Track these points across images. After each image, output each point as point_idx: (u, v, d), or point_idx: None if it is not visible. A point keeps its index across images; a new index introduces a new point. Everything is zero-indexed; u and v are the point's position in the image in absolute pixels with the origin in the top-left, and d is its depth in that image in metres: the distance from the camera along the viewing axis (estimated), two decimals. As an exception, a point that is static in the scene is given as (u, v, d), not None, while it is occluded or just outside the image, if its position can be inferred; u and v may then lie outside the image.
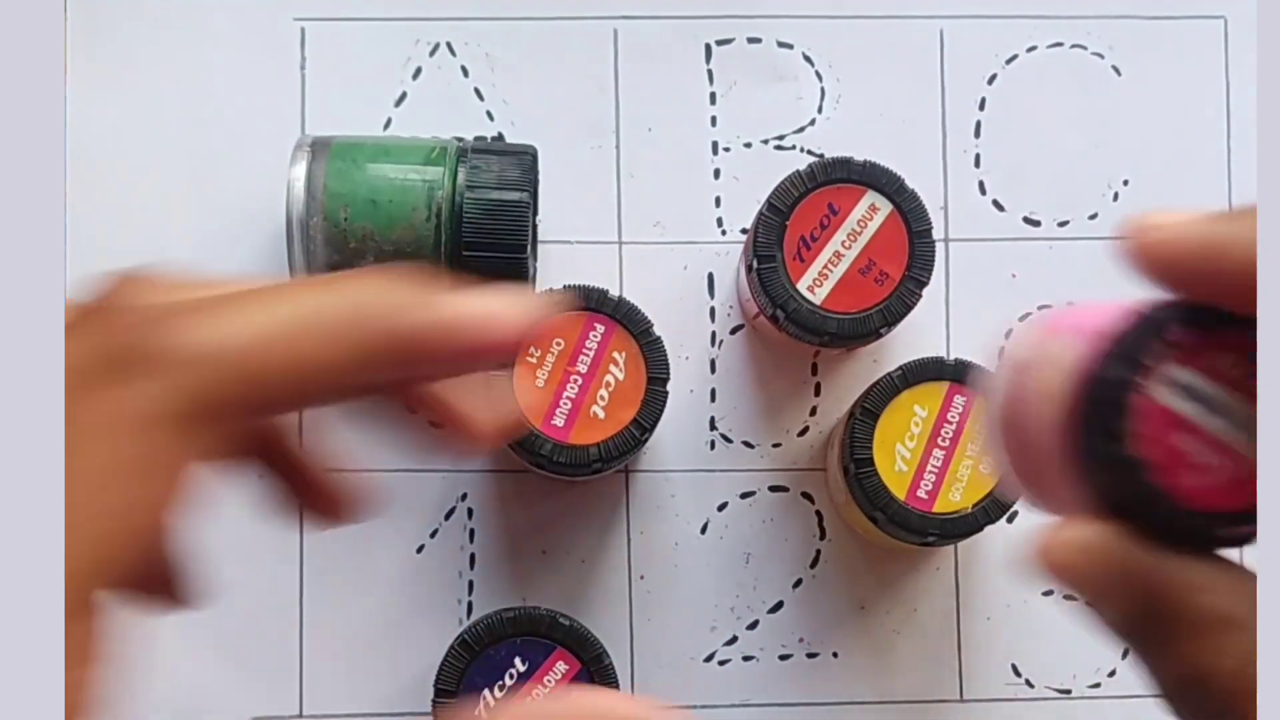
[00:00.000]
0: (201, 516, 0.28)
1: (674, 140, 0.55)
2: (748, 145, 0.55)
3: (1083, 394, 0.26)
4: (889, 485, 0.47)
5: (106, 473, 0.25)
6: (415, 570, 0.53)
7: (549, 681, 0.47)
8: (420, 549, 0.53)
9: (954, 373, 0.48)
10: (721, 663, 0.54)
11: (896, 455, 0.47)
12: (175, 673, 0.53)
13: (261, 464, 0.31)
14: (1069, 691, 0.54)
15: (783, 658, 0.54)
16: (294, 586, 0.53)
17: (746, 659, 0.54)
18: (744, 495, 0.54)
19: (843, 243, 0.48)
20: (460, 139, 0.54)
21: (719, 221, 0.55)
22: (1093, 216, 0.55)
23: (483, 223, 0.48)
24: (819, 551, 0.54)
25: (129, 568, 0.26)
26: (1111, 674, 0.54)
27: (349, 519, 0.33)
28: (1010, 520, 0.54)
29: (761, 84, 0.55)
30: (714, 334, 0.54)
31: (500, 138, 0.54)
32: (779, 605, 0.54)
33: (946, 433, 0.47)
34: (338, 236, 0.48)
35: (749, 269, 0.49)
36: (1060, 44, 0.55)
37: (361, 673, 0.53)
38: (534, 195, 0.50)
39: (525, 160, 0.49)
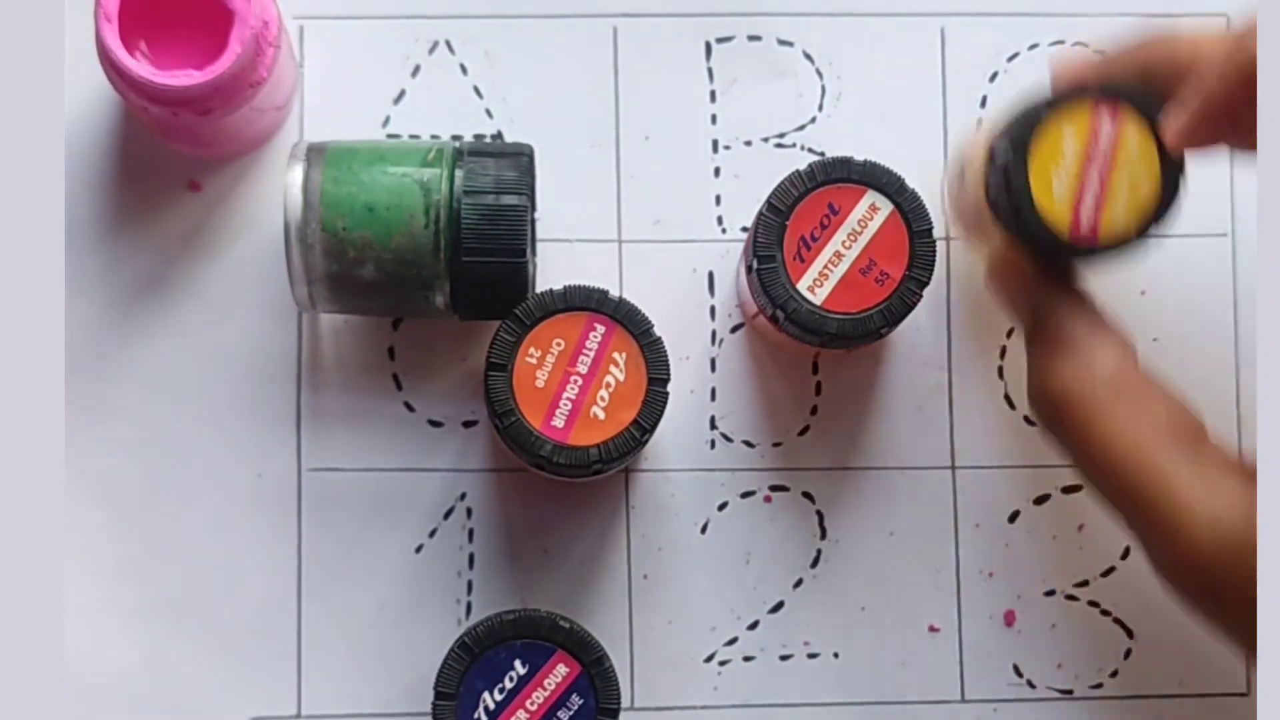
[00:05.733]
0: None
1: (674, 138, 0.55)
2: (748, 143, 0.55)
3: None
4: (1049, 218, 0.44)
5: None
6: (414, 570, 0.53)
7: (549, 685, 0.46)
8: (419, 549, 0.53)
9: (1099, 92, 0.45)
10: (722, 663, 0.54)
11: (1053, 180, 0.45)
12: (175, 673, 0.53)
13: None
14: (1071, 692, 0.54)
15: (783, 658, 0.54)
16: (292, 587, 0.53)
17: (747, 659, 0.54)
18: (744, 495, 0.54)
19: (843, 243, 0.48)
20: (458, 137, 0.54)
21: (719, 220, 0.55)
22: (1094, 215, 0.55)
23: (482, 228, 0.48)
24: (819, 551, 0.54)
25: None
26: (1114, 674, 0.54)
27: None
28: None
29: (762, 82, 0.55)
30: (714, 333, 0.54)
31: (499, 135, 0.54)
32: (779, 605, 0.54)
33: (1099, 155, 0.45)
34: (336, 246, 0.48)
35: (749, 269, 0.49)
36: (1062, 41, 0.55)
37: (360, 673, 0.53)
38: (531, 195, 0.50)
39: (522, 161, 0.49)
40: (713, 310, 0.54)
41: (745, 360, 0.54)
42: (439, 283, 0.48)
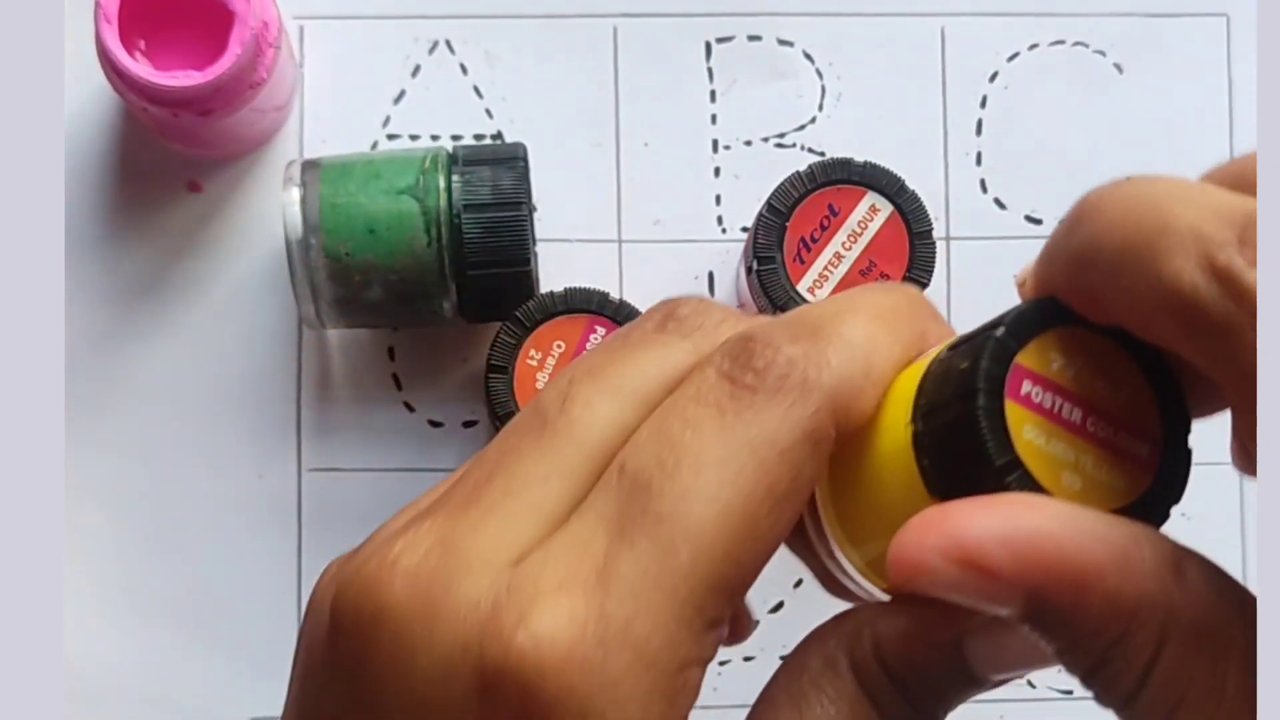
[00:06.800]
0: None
1: (674, 138, 0.55)
2: (748, 143, 0.55)
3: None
4: None
5: (757, 497, 0.25)
6: (414, 570, 0.53)
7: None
8: (419, 549, 0.53)
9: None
10: (721, 663, 0.54)
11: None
12: (175, 673, 0.53)
13: None
14: (1070, 692, 0.54)
15: (783, 658, 0.53)
16: (292, 587, 0.53)
17: (747, 659, 0.54)
18: (744, 495, 0.54)
19: (843, 244, 0.48)
20: (458, 137, 0.54)
21: (719, 220, 0.55)
22: (1094, 215, 0.55)
23: (485, 241, 0.48)
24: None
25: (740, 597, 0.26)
26: (1113, 675, 0.54)
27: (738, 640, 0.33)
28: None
29: (762, 82, 0.55)
30: (714, 333, 0.54)
31: (499, 136, 0.54)
32: (779, 605, 0.54)
33: None
34: (341, 271, 0.48)
35: (749, 271, 0.49)
36: (1062, 41, 0.55)
37: (361, 673, 0.53)
38: (528, 196, 0.50)
39: (517, 166, 0.49)
40: (713, 310, 0.54)
41: (745, 360, 0.54)
42: (446, 294, 0.48)
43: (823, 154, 0.54)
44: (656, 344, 0.28)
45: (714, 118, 0.55)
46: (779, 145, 0.55)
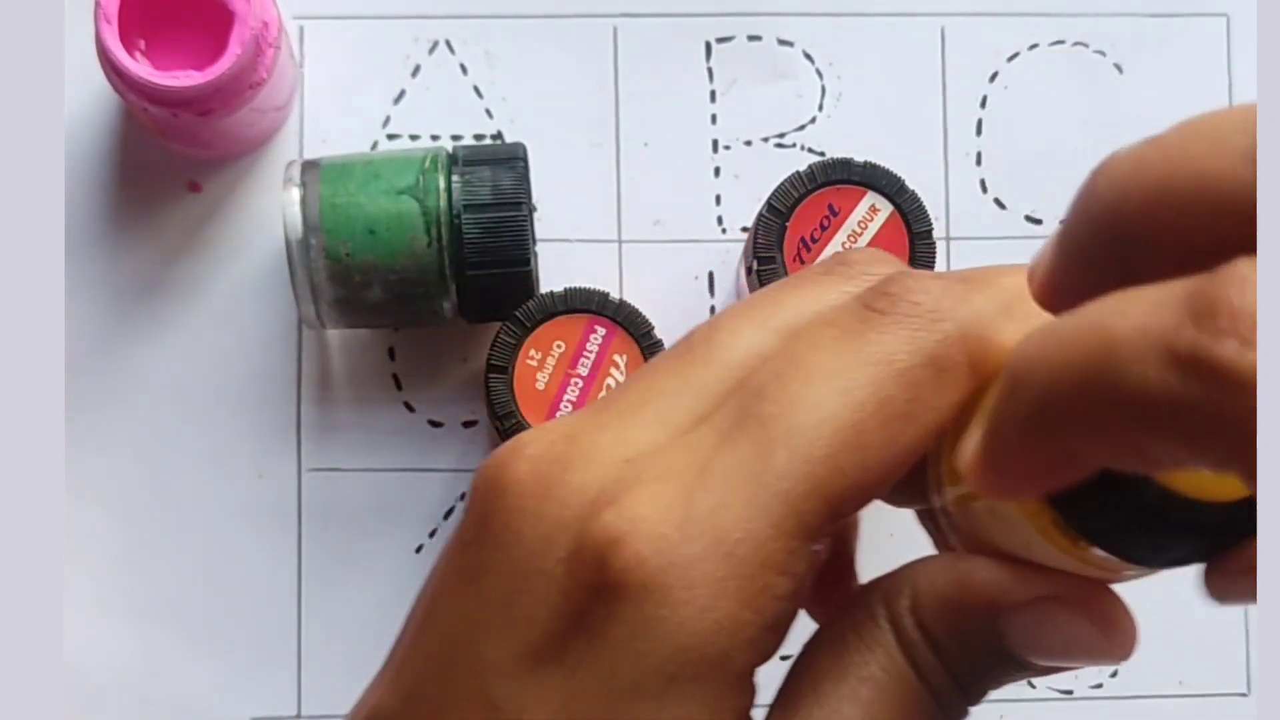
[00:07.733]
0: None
1: (674, 138, 0.55)
2: (748, 143, 0.55)
3: None
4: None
5: (868, 409, 0.25)
6: (414, 570, 0.53)
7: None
8: (419, 549, 0.53)
9: None
10: (783, 657, 0.53)
11: None
12: (175, 673, 0.53)
13: None
14: (1071, 692, 0.54)
15: (783, 658, 0.53)
16: (292, 587, 0.53)
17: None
18: (744, 495, 0.54)
19: (843, 244, 0.48)
20: (458, 137, 0.54)
21: (719, 220, 0.55)
22: (1094, 215, 0.55)
23: (485, 242, 0.48)
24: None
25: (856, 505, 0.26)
26: (1114, 675, 0.54)
27: None
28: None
29: (762, 82, 0.55)
30: (714, 333, 0.54)
31: (499, 136, 0.54)
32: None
33: None
34: (341, 271, 0.48)
35: (749, 270, 0.49)
36: (1062, 41, 0.55)
37: (360, 673, 0.53)
38: (528, 196, 0.50)
39: (517, 166, 0.49)
40: (713, 311, 0.54)
41: (745, 360, 0.54)
42: (446, 294, 0.48)
43: (823, 154, 0.54)
44: (817, 283, 0.28)
45: (714, 118, 0.55)
46: (779, 145, 0.55)
